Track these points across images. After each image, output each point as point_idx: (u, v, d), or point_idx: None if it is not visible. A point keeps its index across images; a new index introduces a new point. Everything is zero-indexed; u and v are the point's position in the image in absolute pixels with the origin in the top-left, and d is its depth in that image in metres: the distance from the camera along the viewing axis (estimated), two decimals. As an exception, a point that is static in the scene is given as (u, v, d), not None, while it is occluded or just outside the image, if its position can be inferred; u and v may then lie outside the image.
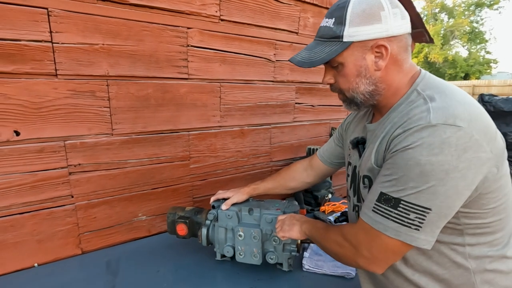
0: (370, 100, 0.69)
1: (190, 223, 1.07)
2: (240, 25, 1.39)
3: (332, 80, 0.70)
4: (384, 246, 0.60)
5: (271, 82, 1.58)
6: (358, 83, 0.66)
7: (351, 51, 0.64)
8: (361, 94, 0.67)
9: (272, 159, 1.69)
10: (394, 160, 0.59)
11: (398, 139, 0.59)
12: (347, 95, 0.70)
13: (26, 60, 0.95)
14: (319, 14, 1.70)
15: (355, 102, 0.70)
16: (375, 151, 0.67)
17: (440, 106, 0.57)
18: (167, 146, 1.30)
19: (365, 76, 0.66)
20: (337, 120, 1.99)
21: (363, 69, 0.65)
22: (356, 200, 0.77)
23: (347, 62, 0.65)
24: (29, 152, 1.01)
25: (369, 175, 0.69)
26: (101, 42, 1.06)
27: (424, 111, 0.58)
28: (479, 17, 21.45)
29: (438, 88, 0.62)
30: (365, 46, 0.63)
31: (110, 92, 1.12)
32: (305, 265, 1.05)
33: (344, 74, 0.67)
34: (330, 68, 0.69)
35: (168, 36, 1.20)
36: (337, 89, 0.71)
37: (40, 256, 1.08)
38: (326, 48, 0.65)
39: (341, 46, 0.63)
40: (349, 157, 0.83)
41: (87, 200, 1.14)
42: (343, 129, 0.96)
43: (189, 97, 1.31)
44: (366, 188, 0.70)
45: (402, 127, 0.59)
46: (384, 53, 0.63)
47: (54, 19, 0.97)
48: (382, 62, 0.64)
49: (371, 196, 0.63)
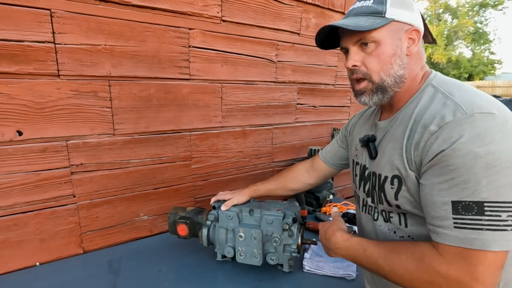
0: (396, 87, 0.66)
1: (191, 224, 1.07)
2: (242, 26, 1.39)
3: (359, 62, 0.66)
4: (492, 265, 0.50)
5: (273, 83, 1.58)
6: (392, 63, 0.64)
7: (390, 29, 0.63)
8: (391, 76, 0.64)
9: (274, 160, 1.69)
10: (447, 162, 0.53)
11: (435, 137, 0.55)
12: (375, 78, 0.65)
13: (29, 61, 0.96)
14: (321, 14, 1.70)
15: (383, 87, 0.65)
16: (402, 151, 0.62)
17: (466, 98, 0.56)
18: (169, 146, 1.30)
19: (399, 56, 0.64)
20: (339, 121, 1.98)
21: (398, 49, 0.64)
22: (371, 201, 0.73)
23: (384, 39, 0.63)
24: (32, 152, 1.02)
25: (399, 176, 0.63)
26: (103, 43, 1.07)
27: (452, 104, 0.56)
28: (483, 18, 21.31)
29: (453, 84, 0.62)
30: (402, 29, 0.64)
31: (112, 93, 1.12)
32: (305, 266, 1.05)
33: (378, 53, 0.64)
34: (358, 49, 0.66)
35: (170, 37, 1.21)
36: (363, 73, 0.66)
37: (42, 255, 1.09)
38: (369, 20, 0.63)
39: (384, 20, 0.62)
40: (356, 157, 0.82)
41: (89, 199, 1.15)
42: (347, 130, 0.95)
43: (191, 97, 1.31)
44: (393, 189, 0.64)
45: (434, 124, 0.56)
46: (416, 39, 0.64)
47: (57, 20, 0.98)
48: (414, 48, 0.65)
49: (439, 211, 0.54)
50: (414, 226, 0.64)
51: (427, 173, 0.56)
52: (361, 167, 0.79)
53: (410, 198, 0.62)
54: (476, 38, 20.93)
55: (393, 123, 0.68)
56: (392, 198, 0.65)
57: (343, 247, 0.70)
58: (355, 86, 0.70)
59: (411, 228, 0.65)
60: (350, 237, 0.70)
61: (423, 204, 0.59)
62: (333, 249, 0.73)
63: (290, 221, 0.95)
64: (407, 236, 0.66)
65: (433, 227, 0.56)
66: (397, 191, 0.64)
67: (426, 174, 0.57)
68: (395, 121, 0.68)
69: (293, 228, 0.97)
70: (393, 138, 0.67)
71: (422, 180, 0.58)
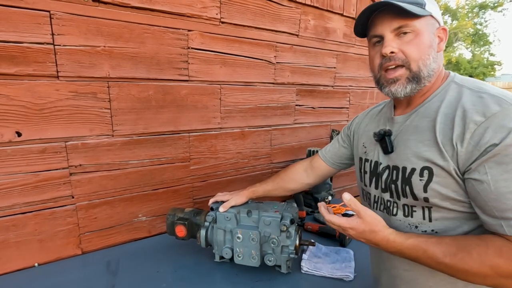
0: (427, 79, 0.66)
1: (189, 225, 1.07)
2: (241, 28, 1.40)
3: (397, 49, 0.66)
4: None
5: (272, 84, 1.58)
6: (429, 55, 0.65)
7: (427, 22, 0.66)
8: (427, 67, 0.65)
9: (273, 161, 1.70)
10: (507, 151, 0.53)
11: (484, 127, 0.55)
12: (414, 66, 0.65)
13: (29, 62, 0.96)
14: (320, 16, 1.71)
15: (419, 77, 0.65)
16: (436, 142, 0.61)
17: (499, 92, 0.59)
18: (167, 147, 1.31)
19: (434, 50, 0.66)
20: (338, 122, 1.99)
21: (434, 42, 0.66)
22: (390, 195, 0.72)
23: (423, 30, 0.65)
24: (32, 153, 1.02)
25: (430, 167, 0.62)
26: (102, 44, 1.08)
27: (490, 97, 0.58)
28: (483, 19, 21.33)
29: (475, 81, 0.65)
30: (434, 25, 0.67)
31: (111, 94, 1.13)
32: (303, 267, 1.05)
33: (418, 43, 0.65)
34: (394, 37, 0.66)
35: (169, 39, 1.21)
36: (402, 59, 0.65)
37: (41, 256, 1.09)
38: (413, 7, 0.63)
39: (424, 12, 0.64)
40: (365, 154, 0.82)
41: (88, 200, 1.15)
42: (350, 130, 0.95)
43: (189, 98, 1.32)
44: (423, 182, 0.63)
45: (479, 115, 0.56)
46: (444, 37, 0.68)
47: (57, 22, 0.98)
48: (443, 45, 0.68)
49: (510, 203, 0.53)
50: (439, 220, 0.64)
51: (484, 166, 0.55)
52: (371, 164, 0.78)
53: (441, 190, 0.61)
54: (476, 40, 20.95)
55: (414, 117, 0.69)
56: (421, 191, 0.64)
57: (399, 249, 0.65)
58: (388, 74, 0.68)
59: (436, 222, 0.65)
60: (407, 238, 0.64)
61: (479, 199, 0.57)
62: (390, 251, 0.67)
63: (288, 222, 0.95)
64: (431, 230, 0.66)
65: (505, 220, 0.54)
66: (426, 183, 0.63)
67: (481, 167, 0.55)
68: (416, 114, 0.69)
69: (291, 229, 0.97)
70: (417, 130, 0.67)
71: (476, 175, 0.56)
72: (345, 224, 0.69)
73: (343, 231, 0.71)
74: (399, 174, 0.68)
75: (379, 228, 0.66)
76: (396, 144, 0.71)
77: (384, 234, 0.66)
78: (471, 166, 0.57)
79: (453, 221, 0.62)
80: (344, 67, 1.91)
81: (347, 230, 0.69)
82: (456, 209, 0.62)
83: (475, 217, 0.61)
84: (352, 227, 0.68)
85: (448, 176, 0.60)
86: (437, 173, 0.62)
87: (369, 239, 0.67)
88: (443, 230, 0.64)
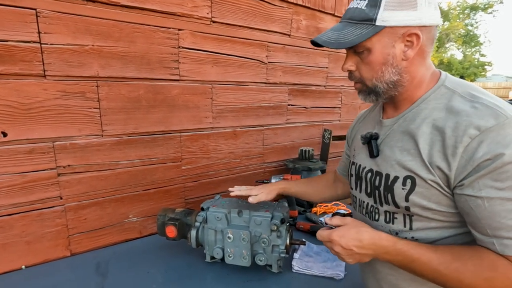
0: (392, 90, 0.65)
1: (179, 225, 1.06)
2: (232, 27, 1.40)
3: (354, 67, 0.66)
4: None
5: (264, 84, 1.58)
6: (384, 72, 0.63)
7: (381, 37, 0.60)
8: (384, 83, 0.64)
9: (265, 161, 1.70)
10: (503, 168, 0.51)
11: (478, 141, 0.53)
12: (368, 84, 0.66)
13: (15, 61, 0.95)
14: (311, 16, 1.71)
15: (376, 91, 0.66)
16: (420, 153, 0.60)
17: (495, 101, 0.56)
18: (159, 147, 1.30)
19: (391, 64, 0.62)
20: (330, 122, 2.00)
21: (390, 57, 0.62)
22: (373, 201, 0.71)
23: (375, 48, 0.61)
24: (19, 153, 1.00)
25: (413, 177, 0.61)
26: (91, 43, 1.06)
27: (484, 108, 0.55)
28: (474, 21, 21.70)
29: (467, 86, 0.61)
30: (396, 33, 0.60)
31: (100, 93, 1.11)
32: (294, 267, 1.05)
33: (369, 62, 0.63)
34: (353, 54, 0.66)
35: (159, 38, 1.20)
36: (357, 78, 0.67)
37: (29, 258, 1.07)
38: (357, 30, 0.61)
39: (373, 29, 0.59)
40: (353, 157, 0.81)
41: (77, 201, 1.14)
42: (348, 136, 0.95)
43: (180, 98, 1.31)
44: (405, 191, 0.62)
45: (473, 128, 0.53)
46: (415, 42, 0.60)
47: (43, 20, 0.97)
48: (411, 52, 0.61)
49: (505, 221, 0.52)
50: (419, 228, 0.63)
51: (478, 183, 0.53)
52: (356, 167, 0.77)
53: (423, 201, 0.60)
54: (467, 41, 21.29)
55: (402, 121, 0.66)
56: (402, 200, 0.63)
57: (392, 252, 0.62)
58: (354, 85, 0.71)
59: (416, 230, 0.64)
60: (398, 240, 0.62)
61: (471, 215, 0.55)
62: (379, 254, 0.64)
63: (278, 222, 0.95)
64: (411, 237, 0.64)
65: (497, 238, 0.53)
66: (408, 193, 0.61)
67: (476, 183, 0.53)
68: (404, 119, 0.66)
69: (281, 228, 0.97)
70: (402, 138, 0.65)
71: (470, 191, 0.54)
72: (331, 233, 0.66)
73: (332, 245, 0.66)
74: (382, 181, 0.67)
75: (366, 227, 0.66)
76: (382, 148, 0.70)
77: (374, 232, 0.64)
78: (464, 181, 0.55)
79: (434, 229, 0.62)
80: (336, 67, 1.92)
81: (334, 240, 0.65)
82: (437, 218, 0.61)
83: (455, 226, 0.61)
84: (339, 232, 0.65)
85: (431, 187, 0.59)
86: (419, 183, 0.60)
87: (359, 239, 0.63)
88: (423, 238, 0.63)
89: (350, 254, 0.65)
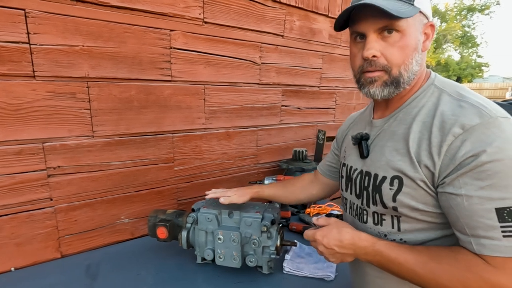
0: (408, 83, 0.62)
1: (170, 226, 1.06)
2: (225, 28, 1.40)
3: (379, 53, 0.61)
4: None
5: (257, 85, 1.58)
6: (413, 58, 0.60)
7: (414, 21, 0.58)
8: (409, 72, 0.61)
9: (259, 161, 1.69)
10: (483, 167, 0.50)
11: (462, 140, 0.53)
12: (394, 72, 0.61)
13: (3, 62, 0.94)
14: (305, 17, 1.71)
15: (398, 81, 0.61)
16: (408, 152, 0.60)
17: (480, 101, 0.55)
18: (151, 148, 1.29)
19: (418, 51, 0.61)
20: (324, 123, 2.00)
21: (419, 43, 0.60)
22: (362, 202, 0.71)
23: (410, 30, 0.58)
24: (7, 154, 1.00)
25: (400, 176, 0.61)
26: (81, 44, 1.06)
27: (470, 107, 0.55)
28: (471, 22, 21.86)
29: (456, 86, 0.61)
30: (422, 21, 0.60)
31: (91, 94, 1.11)
32: (285, 268, 1.05)
33: (402, 45, 0.59)
34: (379, 37, 0.60)
35: (151, 38, 1.20)
36: (381, 65, 0.61)
37: (18, 260, 1.06)
38: (403, 6, 0.57)
39: (413, 10, 0.57)
40: (344, 158, 0.80)
41: (68, 202, 1.13)
42: (338, 137, 0.94)
43: (173, 99, 1.30)
44: (392, 191, 0.62)
45: (458, 126, 0.53)
46: (431, 34, 0.60)
47: (32, 20, 0.96)
48: (428, 43, 0.61)
49: (483, 220, 0.51)
50: (407, 229, 0.63)
51: (459, 181, 0.53)
52: (347, 168, 0.77)
53: (410, 201, 0.60)
54: (464, 42, 21.40)
55: (392, 121, 0.66)
56: (390, 200, 0.63)
57: (371, 252, 0.63)
58: (366, 74, 0.63)
59: (405, 231, 0.63)
60: (377, 240, 0.63)
61: (451, 213, 0.55)
62: (358, 254, 0.65)
63: (268, 223, 0.95)
64: (399, 239, 0.64)
65: (475, 238, 0.52)
66: (396, 193, 0.61)
67: (456, 181, 0.53)
68: (394, 119, 0.66)
69: (272, 230, 0.97)
70: (393, 137, 0.64)
71: (451, 189, 0.54)
72: (315, 232, 0.69)
73: (316, 245, 0.70)
74: (371, 181, 0.67)
75: (348, 227, 0.67)
76: (372, 149, 0.69)
77: (354, 232, 0.66)
78: (446, 179, 0.55)
79: (422, 231, 0.61)
80: (330, 68, 1.92)
81: (317, 239, 0.68)
82: (424, 219, 0.61)
83: (443, 227, 0.60)
84: (322, 232, 0.68)
85: (418, 187, 0.59)
86: (407, 183, 0.60)
87: (340, 239, 0.65)
88: (412, 239, 0.63)
89: (332, 253, 0.67)
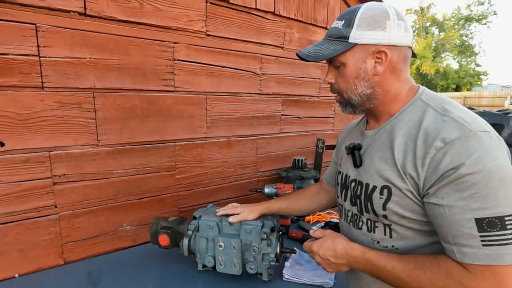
0: (367, 103, 0.71)
1: (172, 234, 1.08)
2: (226, 40, 1.44)
3: (333, 80, 0.73)
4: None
5: (257, 95, 1.62)
6: (357, 85, 0.69)
7: (353, 53, 0.67)
8: (358, 95, 0.70)
9: (259, 170, 1.72)
10: (463, 179, 0.54)
11: (443, 153, 0.56)
12: (345, 96, 0.72)
13: (13, 73, 0.98)
14: (304, 29, 1.76)
15: (352, 103, 0.72)
16: (395, 163, 0.64)
17: (462, 116, 0.59)
18: (153, 157, 1.32)
19: (363, 78, 0.68)
20: (324, 131, 2.03)
21: (362, 71, 0.68)
22: (356, 210, 0.75)
23: (348, 62, 0.68)
24: (14, 163, 1.02)
25: (389, 186, 0.65)
26: (88, 56, 1.10)
27: (452, 121, 0.58)
28: (469, 31, 22.09)
29: (442, 100, 0.65)
30: (367, 50, 0.67)
31: (96, 104, 1.15)
32: (285, 275, 1.06)
33: (344, 75, 0.70)
34: (333, 68, 0.73)
35: (155, 50, 1.24)
36: (336, 90, 0.74)
37: (22, 266, 1.08)
38: (332, 46, 0.69)
39: (345, 46, 0.67)
40: (340, 166, 0.84)
41: (72, 210, 1.15)
42: (338, 145, 0.98)
43: (175, 108, 1.34)
44: (382, 200, 0.66)
45: (439, 140, 0.57)
46: (383, 59, 0.66)
47: (42, 34, 1.00)
48: (380, 68, 0.67)
49: (463, 229, 0.54)
50: (398, 236, 0.66)
51: (441, 192, 0.56)
52: (342, 176, 0.81)
53: (398, 209, 0.64)
54: (463, 51, 21.60)
55: (382, 133, 0.70)
56: (380, 208, 0.67)
57: (362, 261, 0.68)
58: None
59: (396, 238, 0.67)
60: (367, 250, 0.68)
61: (435, 223, 0.59)
62: (351, 263, 0.70)
63: (268, 230, 0.97)
64: (391, 246, 0.68)
65: (457, 246, 0.55)
66: (385, 201, 0.65)
67: (439, 192, 0.57)
68: (383, 131, 0.70)
69: (271, 237, 0.99)
70: (382, 148, 0.69)
71: (434, 200, 0.57)
72: (312, 244, 0.75)
73: (313, 255, 0.76)
74: (363, 190, 0.71)
75: (342, 238, 0.73)
76: (364, 159, 0.73)
77: (347, 242, 0.71)
78: (429, 190, 0.58)
79: (412, 238, 0.65)
80: (329, 78, 1.96)
81: (314, 250, 0.75)
82: (413, 227, 0.64)
83: (431, 234, 0.63)
84: (318, 243, 0.74)
85: (406, 197, 0.62)
86: (395, 192, 0.64)
87: (334, 249, 0.71)
88: (403, 246, 0.66)
89: (328, 263, 0.73)
